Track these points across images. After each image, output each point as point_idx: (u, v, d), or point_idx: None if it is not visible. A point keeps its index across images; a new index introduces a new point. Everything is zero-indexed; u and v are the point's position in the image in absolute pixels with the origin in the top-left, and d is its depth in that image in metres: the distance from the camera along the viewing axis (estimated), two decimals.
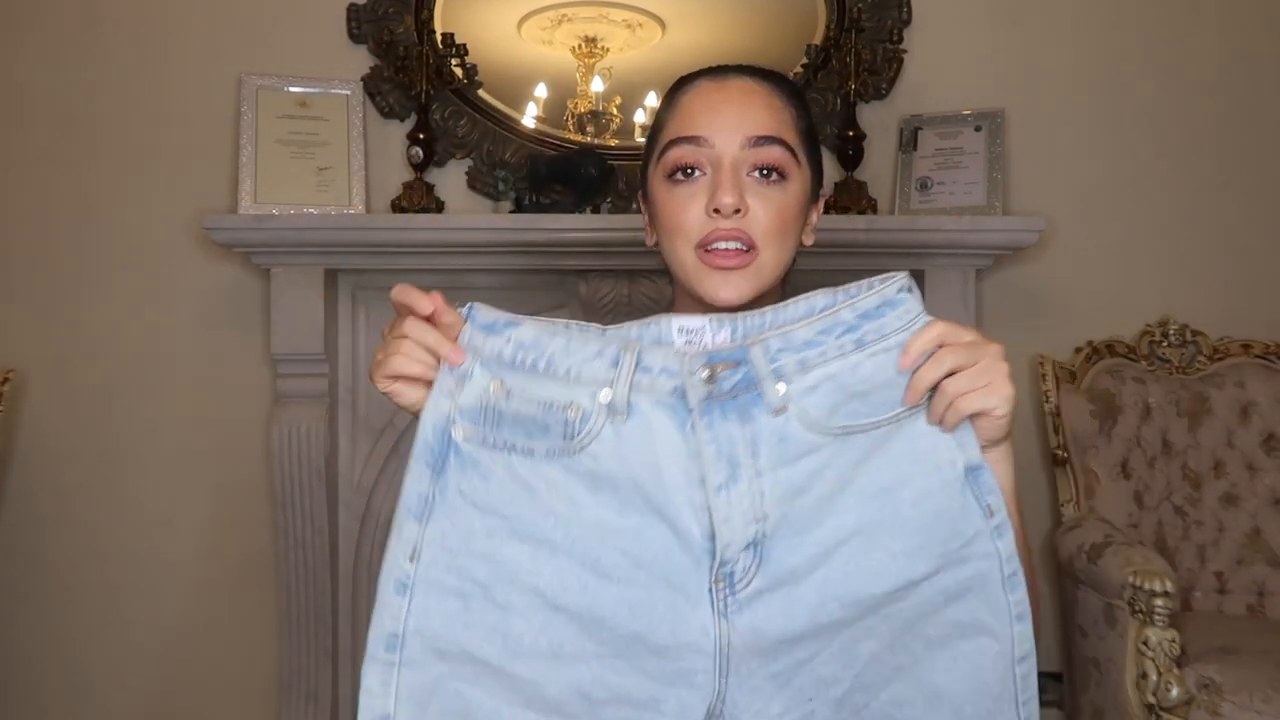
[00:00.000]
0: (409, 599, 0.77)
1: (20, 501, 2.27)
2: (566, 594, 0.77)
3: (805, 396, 0.77)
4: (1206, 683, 1.79)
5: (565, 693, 0.78)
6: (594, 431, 0.77)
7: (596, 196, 2.23)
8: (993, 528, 0.79)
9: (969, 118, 2.33)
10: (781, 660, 0.79)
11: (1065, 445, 2.26)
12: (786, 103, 0.97)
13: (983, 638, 0.80)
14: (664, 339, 0.79)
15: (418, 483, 0.78)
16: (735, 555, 0.77)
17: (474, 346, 0.80)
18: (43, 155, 2.30)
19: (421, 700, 0.77)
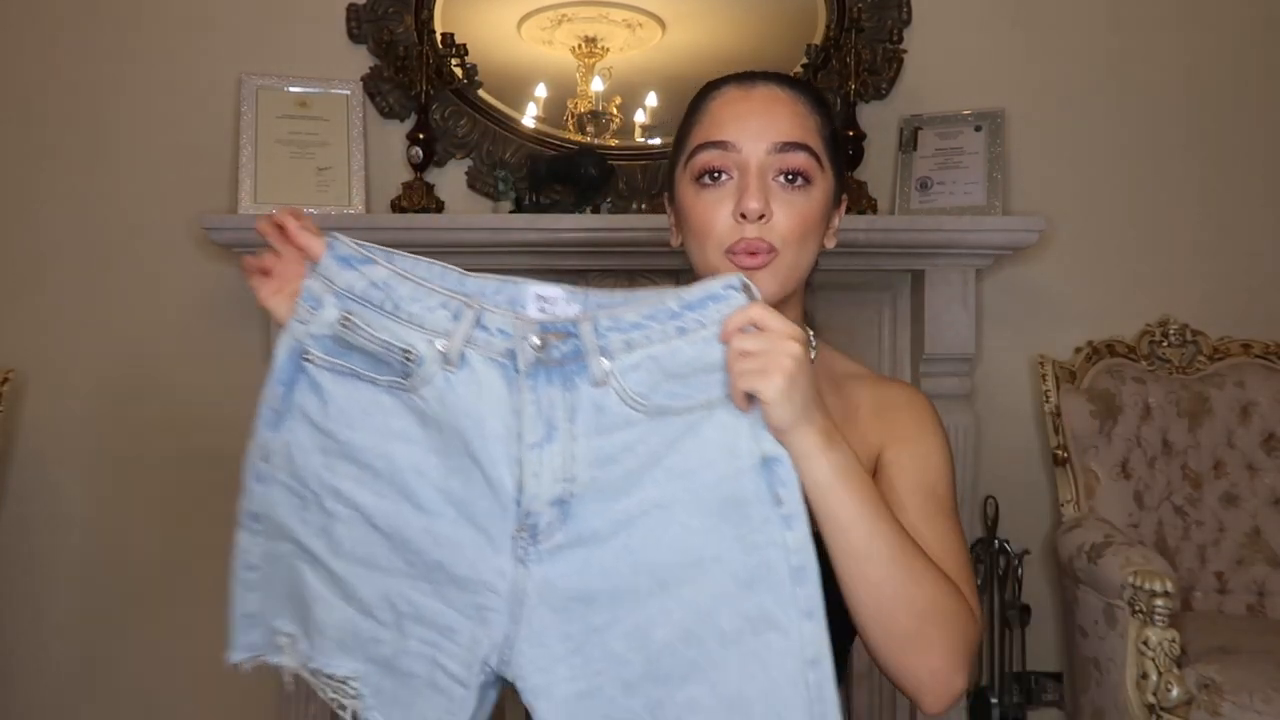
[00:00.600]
0: (263, 488, 0.89)
1: (20, 501, 2.27)
2: (382, 515, 0.86)
3: (626, 373, 0.82)
4: (1206, 683, 1.79)
5: (376, 598, 0.88)
6: (427, 376, 0.83)
7: (596, 196, 2.23)
8: (781, 517, 0.81)
9: (969, 118, 2.33)
10: (574, 621, 0.83)
11: (1065, 445, 2.26)
12: (812, 110, 0.99)
13: (771, 633, 0.81)
14: (518, 302, 0.85)
15: (270, 398, 0.87)
16: (541, 509, 0.83)
17: (328, 277, 0.86)
18: (43, 155, 2.30)
19: (275, 562, 0.90)
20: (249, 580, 0.91)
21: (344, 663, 0.89)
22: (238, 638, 0.92)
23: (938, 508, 0.96)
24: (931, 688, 0.85)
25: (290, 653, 0.91)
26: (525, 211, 2.20)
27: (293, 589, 0.90)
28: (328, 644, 0.89)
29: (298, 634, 0.90)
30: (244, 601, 0.91)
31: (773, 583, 0.81)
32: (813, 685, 0.80)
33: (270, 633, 0.91)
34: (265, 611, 0.91)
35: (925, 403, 1.03)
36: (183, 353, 2.28)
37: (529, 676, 0.84)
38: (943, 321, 2.21)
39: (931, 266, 2.19)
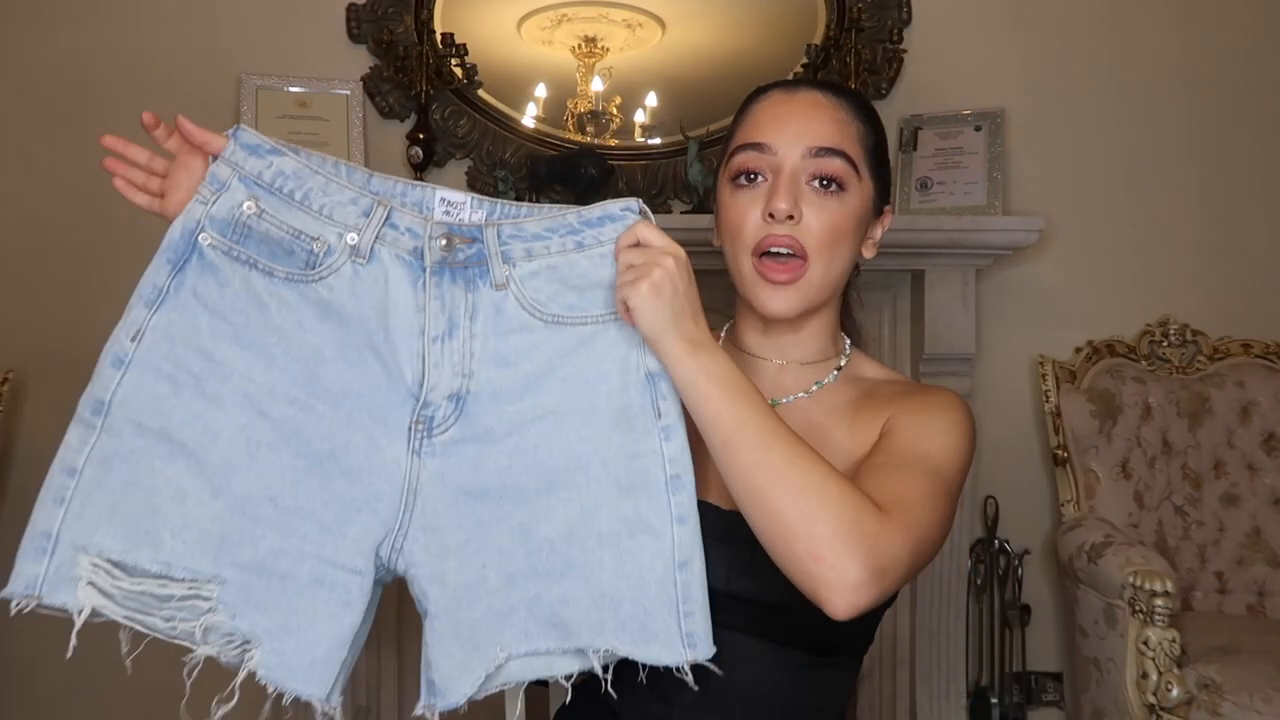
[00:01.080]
0: (122, 373, 0.84)
1: (20, 501, 2.27)
2: (273, 403, 0.85)
3: (526, 280, 0.87)
4: (1206, 683, 1.79)
5: (256, 492, 0.83)
6: (334, 266, 0.86)
7: (596, 196, 2.23)
8: (660, 428, 0.87)
9: (969, 118, 2.33)
10: (464, 514, 0.86)
11: (1065, 445, 2.26)
12: (854, 117, 0.99)
13: (644, 535, 0.86)
14: (425, 205, 0.88)
15: (155, 275, 0.85)
16: (438, 401, 0.86)
17: (235, 162, 0.87)
18: (42, 155, 2.30)
19: (110, 464, 0.82)
20: (61, 489, 0.82)
21: (202, 565, 0.81)
22: (22, 567, 0.81)
23: (911, 462, 0.92)
24: (822, 578, 0.81)
25: (98, 583, 0.81)
26: None
27: (132, 495, 0.82)
28: (183, 546, 0.81)
29: (127, 550, 0.81)
30: (44, 517, 0.82)
31: (650, 489, 0.86)
32: (681, 585, 0.86)
33: (71, 559, 0.81)
34: (73, 531, 0.81)
35: (954, 401, 1.01)
36: None
37: (423, 564, 0.86)
38: (943, 321, 2.21)
39: (931, 266, 2.19)
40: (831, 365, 1.05)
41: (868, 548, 0.82)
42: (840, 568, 0.81)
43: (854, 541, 0.81)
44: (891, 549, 0.83)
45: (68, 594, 0.80)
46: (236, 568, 0.82)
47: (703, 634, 0.85)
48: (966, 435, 0.98)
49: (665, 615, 0.85)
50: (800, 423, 1.00)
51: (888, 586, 0.84)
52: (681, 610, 0.85)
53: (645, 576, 0.86)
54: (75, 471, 0.82)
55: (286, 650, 0.82)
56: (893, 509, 0.86)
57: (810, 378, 1.04)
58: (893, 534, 0.84)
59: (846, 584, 0.81)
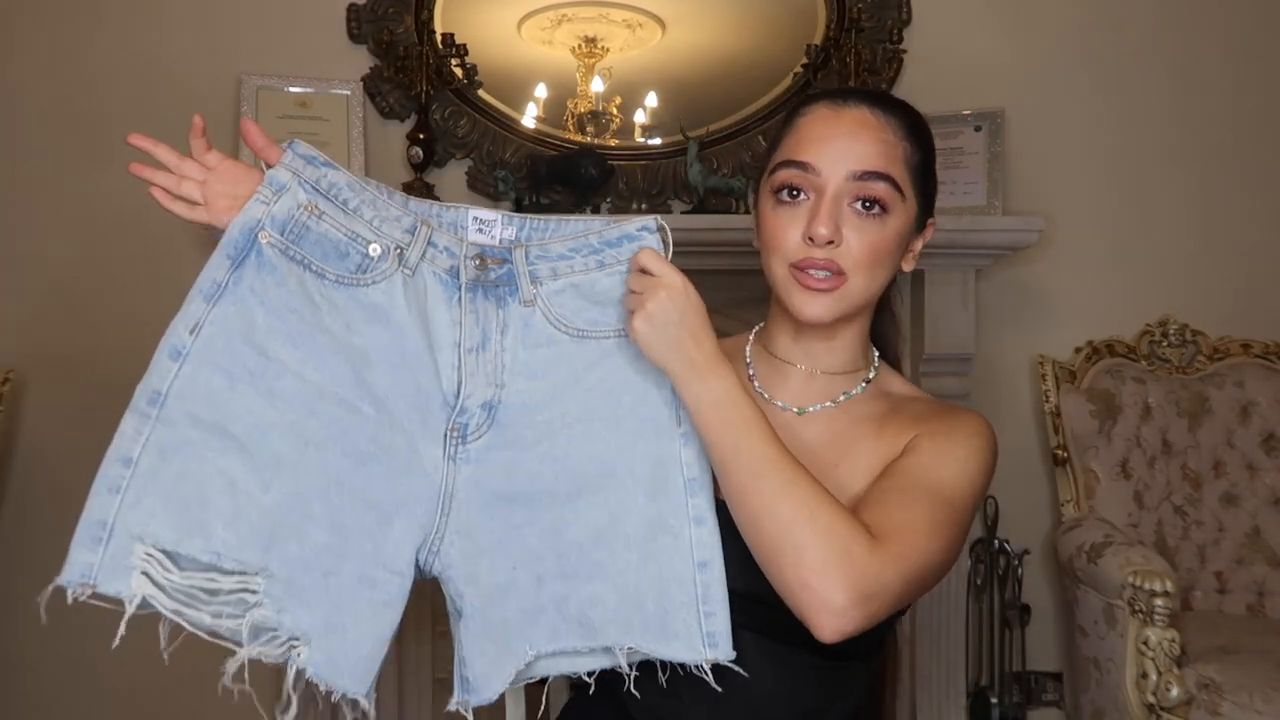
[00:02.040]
0: (179, 365, 0.85)
1: (20, 501, 2.27)
2: (323, 402, 0.87)
3: (552, 297, 0.93)
4: (1206, 683, 1.79)
5: (304, 488, 0.85)
6: (386, 273, 0.90)
7: (596, 196, 2.23)
8: (680, 434, 0.92)
9: (969, 118, 2.33)
10: (497, 518, 0.90)
11: (1065, 445, 2.26)
12: (902, 137, 0.98)
13: (665, 536, 0.90)
14: (460, 224, 0.93)
15: (215, 271, 0.87)
16: (472, 409, 0.90)
17: (294, 169, 0.90)
18: (42, 155, 2.29)
19: (166, 455, 0.83)
20: (116, 478, 0.83)
21: (250, 558, 0.82)
22: (77, 554, 0.81)
23: (923, 488, 0.92)
24: (808, 604, 0.84)
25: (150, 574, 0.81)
26: (525, 211, 2.19)
27: (185, 485, 0.82)
28: (233, 538, 0.82)
29: (180, 540, 0.81)
30: (100, 505, 0.82)
31: (669, 492, 0.90)
32: (701, 585, 0.89)
33: (126, 547, 0.81)
34: (128, 519, 0.81)
35: (980, 423, 1.00)
36: None
37: (457, 566, 0.90)
38: (943, 321, 2.21)
39: (931, 267, 2.19)
40: (860, 377, 1.05)
41: (853, 575, 0.83)
42: (825, 594, 0.83)
43: (840, 569, 0.83)
44: (879, 577, 0.84)
45: (121, 582, 0.81)
46: (284, 562, 0.83)
47: (723, 634, 0.88)
48: (986, 464, 0.98)
49: (686, 614, 0.88)
50: (825, 431, 1.01)
51: (875, 613, 0.85)
52: (702, 610, 0.88)
53: (666, 576, 0.89)
54: (131, 461, 0.83)
55: (333, 648, 0.84)
56: (888, 537, 0.87)
57: (838, 388, 1.04)
58: (882, 562, 0.85)
59: (831, 610, 0.83)
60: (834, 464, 0.99)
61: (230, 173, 0.92)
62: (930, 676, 2.24)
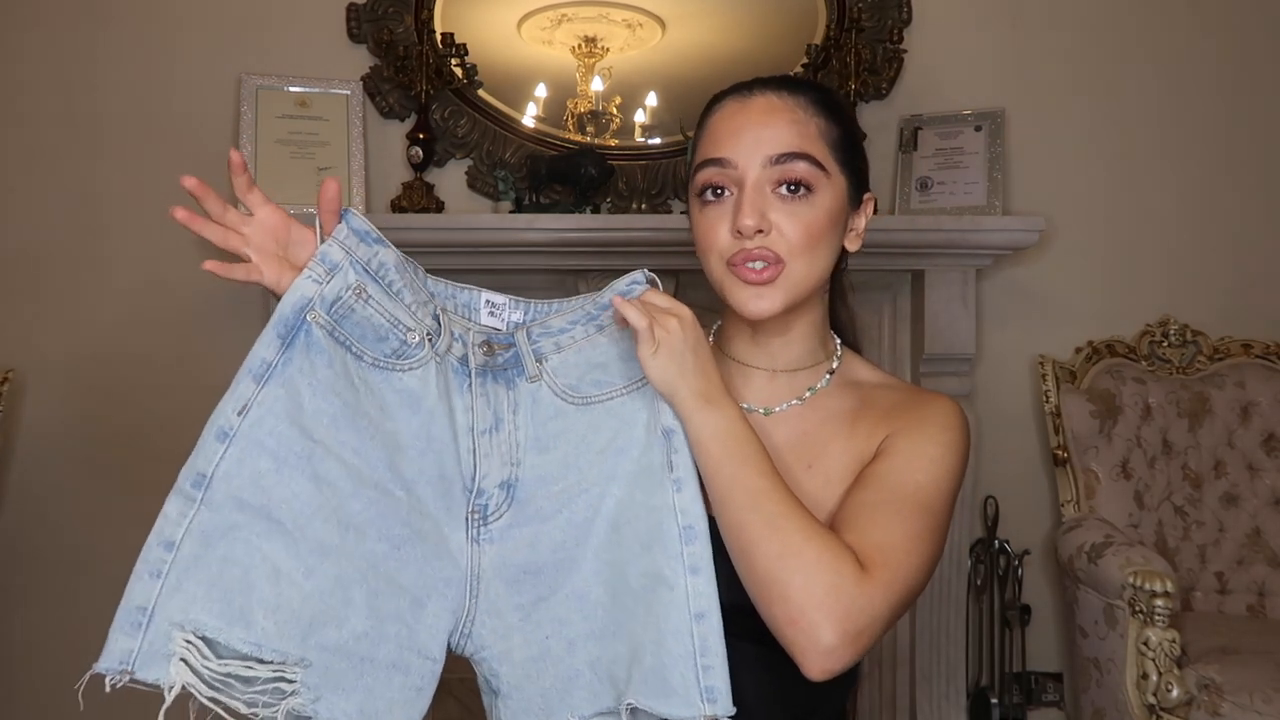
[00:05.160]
0: (226, 447, 0.83)
1: (20, 501, 2.27)
2: (362, 486, 0.87)
3: (557, 370, 0.94)
4: (1206, 683, 1.79)
5: (345, 573, 0.85)
6: (422, 360, 0.90)
7: (596, 196, 2.23)
8: (673, 480, 0.90)
9: (969, 118, 2.33)
10: (524, 592, 0.90)
11: (1065, 445, 2.26)
12: (815, 113, 0.96)
13: (663, 588, 0.88)
14: (472, 306, 0.95)
15: (265, 349, 0.86)
16: (491, 490, 0.91)
17: (348, 247, 0.89)
18: (43, 155, 2.30)
19: (209, 539, 0.82)
20: (158, 562, 0.81)
21: (290, 647, 0.82)
22: (115, 641, 0.80)
23: (901, 499, 0.91)
24: (796, 642, 0.83)
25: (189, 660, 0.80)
26: (525, 211, 2.20)
27: (229, 571, 0.81)
28: (274, 627, 0.81)
29: (220, 627, 0.80)
30: (141, 590, 0.80)
31: (665, 542, 0.89)
32: (698, 637, 0.86)
33: (165, 633, 0.80)
34: (169, 606, 0.80)
35: (950, 411, 0.99)
36: (182, 353, 2.28)
37: (490, 646, 0.90)
38: (943, 321, 2.21)
39: (931, 266, 2.19)
40: (823, 369, 1.03)
41: (842, 613, 0.83)
42: (814, 634, 0.83)
43: (828, 607, 0.83)
44: (869, 611, 0.84)
45: (160, 670, 0.80)
46: (321, 650, 0.83)
47: (722, 689, 0.86)
48: (960, 455, 0.97)
49: (683, 668, 0.86)
50: (795, 431, 1.00)
51: (864, 647, 0.85)
52: (700, 663, 0.86)
53: (663, 628, 0.87)
54: (173, 545, 0.81)
55: None
56: (876, 563, 0.86)
57: (802, 384, 1.02)
58: (871, 594, 0.84)
59: (819, 650, 0.83)
60: (806, 465, 0.98)
61: (270, 224, 0.90)
62: (930, 676, 2.24)
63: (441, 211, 2.24)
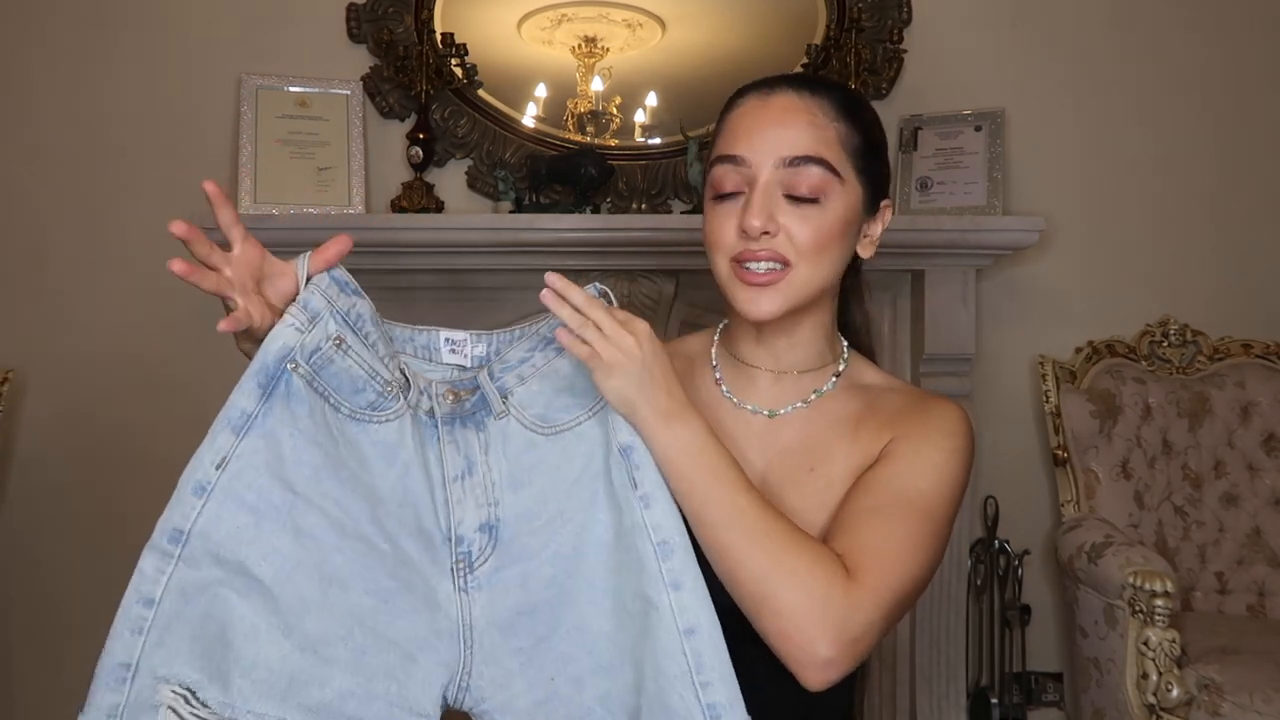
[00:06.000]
0: (204, 502, 0.81)
1: (20, 501, 2.27)
2: (345, 539, 0.84)
3: (524, 401, 0.91)
4: (1207, 683, 1.79)
5: (328, 630, 0.82)
6: (398, 412, 0.88)
7: (596, 196, 2.23)
8: (639, 498, 0.87)
9: (969, 118, 2.33)
10: (521, 635, 0.87)
11: (1065, 445, 2.26)
12: (836, 117, 0.94)
13: (651, 611, 0.85)
14: (432, 347, 0.93)
15: (245, 399, 0.83)
16: (470, 536, 0.88)
17: (329, 296, 0.87)
18: (43, 155, 2.29)
19: (188, 595, 0.80)
20: (138, 619, 0.79)
21: (268, 708, 0.80)
22: (100, 695, 0.79)
23: (899, 504, 0.90)
24: (791, 656, 0.83)
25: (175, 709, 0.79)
26: (525, 211, 2.19)
27: (209, 627, 0.80)
28: (250, 687, 0.79)
29: (202, 682, 0.79)
30: (122, 647, 0.79)
31: (644, 562, 0.86)
32: (691, 654, 0.83)
33: (150, 686, 0.79)
34: (152, 660, 0.79)
35: (955, 417, 0.97)
36: (183, 353, 2.28)
37: (490, 697, 0.86)
38: (943, 321, 2.21)
39: (931, 266, 2.19)
40: (829, 372, 1.02)
41: (835, 623, 0.82)
42: (808, 648, 0.82)
43: (820, 619, 0.82)
44: (861, 619, 0.83)
45: (149, 718, 0.79)
46: (304, 710, 0.80)
47: (726, 703, 0.82)
48: (964, 463, 0.96)
49: (681, 689, 0.82)
50: (799, 434, 0.99)
51: (861, 653, 0.84)
52: (697, 680, 0.83)
53: (657, 650, 0.84)
54: (153, 602, 0.80)
55: None
56: (865, 569, 0.85)
57: (808, 386, 1.01)
58: (861, 601, 0.84)
59: (815, 663, 0.82)
60: (809, 468, 0.97)
61: (248, 259, 0.86)
62: (930, 676, 2.24)
63: (441, 211, 2.24)
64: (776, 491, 0.97)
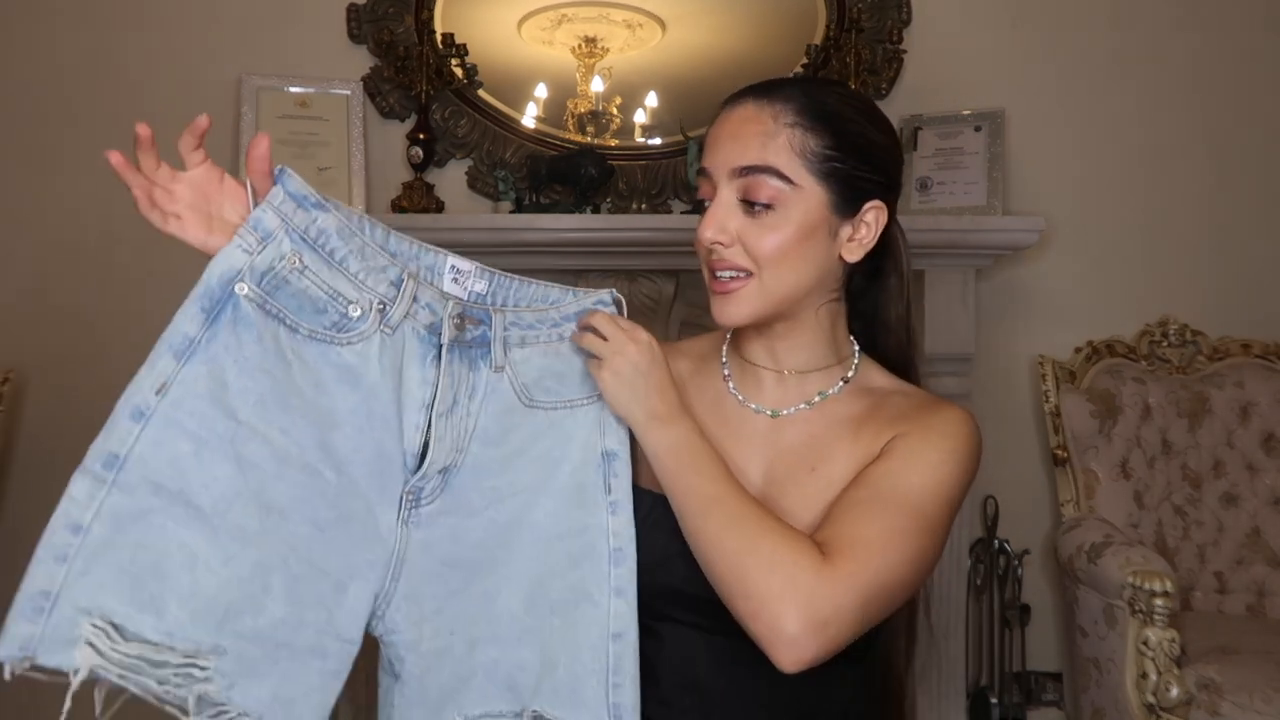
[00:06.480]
0: (142, 427, 0.78)
1: (20, 501, 2.27)
2: (288, 468, 0.82)
3: (519, 364, 0.92)
4: (1206, 683, 1.79)
5: (265, 559, 0.80)
6: (365, 334, 0.86)
7: (596, 196, 2.23)
8: (609, 502, 0.92)
9: (969, 118, 2.33)
10: (439, 583, 0.89)
11: (1065, 445, 2.26)
12: (792, 123, 0.93)
13: (586, 605, 0.90)
14: (436, 270, 0.92)
15: (187, 324, 0.80)
16: (430, 474, 0.88)
17: (284, 214, 0.84)
18: (43, 155, 2.30)
19: (122, 523, 0.76)
20: (63, 546, 0.75)
21: (203, 636, 0.78)
22: (15, 625, 0.74)
23: (886, 497, 0.90)
24: (761, 635, 0.83)
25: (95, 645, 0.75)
26: (525, 211, 2.20)
27: (141, 557, 0.77)
28: (187, 616, 0.77)
29: (131, 614, 0.76)
30: (45, 574, 0.74)
31: (594, 560, 0.91)
32: (613, 656, 0.89)
33: (70, 619, 0.75)
34: (74, 591, 0.75)
35: (958, 420, 0.96)
36: None
37: (402, 631, 0.88)
38: (943, 321, 2.21)
39: (931, 266, 2.19)
40: (836, 375, 1.02)
41: (803, 601, 0.82)
42: (776, 625, 0.82)
43: (788, 597, 0.82)
44: (831, 599, 0.83)
45: (64, 655, 0.75)
46: (237, 637, 0.79)
47: (628, 707, 0.88)
48: (963, 465, 0.95)
49: (595, 683, 0.88)
50: (802, 434, 0.99)
51: (833, 636, 0.83)
52: (611, 680, 0.89)
53: (580, 643, 0.89)
54: (81, 529, 0.75)
55: None
56: (842, 555, 0.85)
57: (813, 388, 1.01)
58: (833, 584, 0.83)
59: (783, 639, 0.82)
60: (811, 468, 0.97)
61: (201, 180, 0.86)
62: (930, 676, 2.24)
63: (441, 212, 2.24)
64: (778, 491, 0.97)
